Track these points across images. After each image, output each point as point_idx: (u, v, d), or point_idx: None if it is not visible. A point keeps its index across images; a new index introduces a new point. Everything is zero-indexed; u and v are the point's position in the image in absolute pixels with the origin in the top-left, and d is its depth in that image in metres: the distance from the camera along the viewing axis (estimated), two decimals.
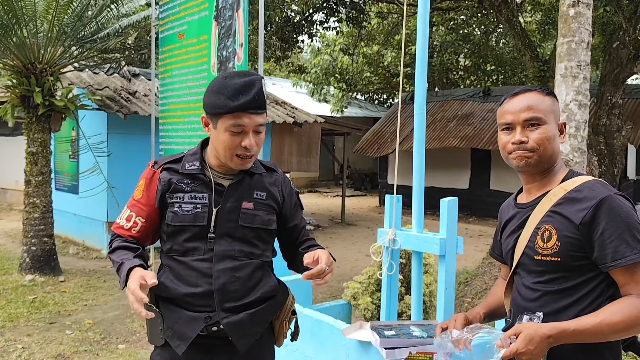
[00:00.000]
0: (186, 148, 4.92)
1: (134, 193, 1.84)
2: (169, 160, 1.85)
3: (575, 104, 4.23)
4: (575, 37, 4.24)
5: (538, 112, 1.58)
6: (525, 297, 1.62)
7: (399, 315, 4.00)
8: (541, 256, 1.55)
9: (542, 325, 1.48)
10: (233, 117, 1.67)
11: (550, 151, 1.60)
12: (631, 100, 11.73)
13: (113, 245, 1.82)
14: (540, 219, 1.57)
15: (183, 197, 1.77)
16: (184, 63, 4.95)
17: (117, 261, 1.73)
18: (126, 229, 1.81)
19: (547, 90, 1.66)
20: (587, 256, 1.50)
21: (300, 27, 11.86)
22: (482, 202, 13.48)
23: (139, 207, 1.81)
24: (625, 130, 8.76)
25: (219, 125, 1.70)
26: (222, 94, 1.67)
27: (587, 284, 1.52)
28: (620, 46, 8.37)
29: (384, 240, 2.94)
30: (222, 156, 1.75)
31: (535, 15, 15.00)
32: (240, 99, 1.66)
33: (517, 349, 1.44)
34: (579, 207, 1.50)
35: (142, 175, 1.85)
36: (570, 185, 1.56)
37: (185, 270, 1.75)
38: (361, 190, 19.68)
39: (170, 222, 1.76)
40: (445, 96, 15.22)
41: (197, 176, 1.79)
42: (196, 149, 1.86)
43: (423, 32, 2.83)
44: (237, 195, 1.79)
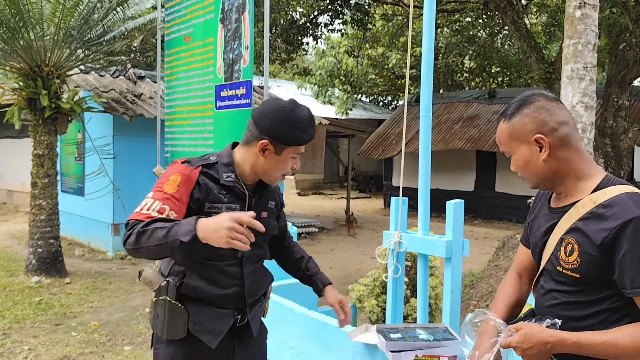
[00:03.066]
0: (192, 151, 4.96)
1: (164, 187, 1.77)
2: (204, 164, 1.87)
3: (581, 106, 4.21)
4: (581, 38, 4.23)
5: (503, 144, 1.62)
6: (545, 300, 1.61)
7: (405, 318, 3.99)
8: (563, 269, 1.52)
9: (545, 330, 1.46)
10: (299, 147, 1.89)
11: (535, 175, 1.57)
12: (637, 102, 11.67)
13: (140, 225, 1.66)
14: (566, 230, 1.52)
15: (221, 207, 1.84)
16: (190, 66, 4.95)
17: (165, 226, 1.62)
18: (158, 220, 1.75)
19: (513, 108, 1.58)
20: (607, 274, 1.44)
21: (305, 29, 11.88)
22: (487, 204, 13.44)
23: (173, 202, 1.76)
24: (632, 132, 8.72)
25: (285, 153, 1.87)
26: (297, 128, 1.84)
27: (605, 300, 1.48)
28: (627, 48, 8.33)
29: (389, 243, 2.94)
30: (272, 176, 1.92)
31: (541, 17, 14.96)
32: (310, 133, 1.89)
33: (511, 342, 1.48)
34: (603, 226, 1.43)
35: (174, 171, 1.82)
36: (600, 197, 1.48)
37: (217, 274, 1.87)
38: (366, 192, 19.67)
39: None
40: (450, 98, 15.19)
41: (233, 188, 1.89)
42: (228, 159, 1.92)
43: (429, 33, 2.83)
44: (260, 206, 1.98)
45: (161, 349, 1.89)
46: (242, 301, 1.93)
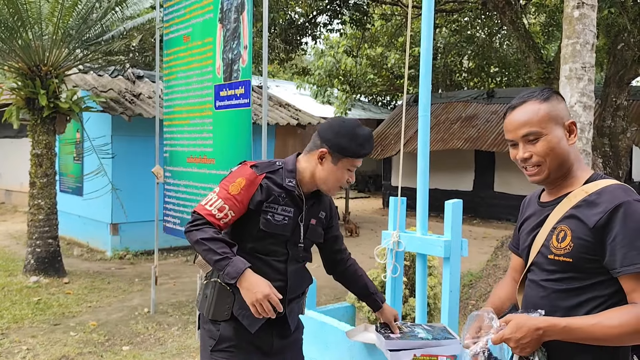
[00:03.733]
0: (192, 150, 4.96)
1: (229, 187, 1.99)
2: (269, 170, 2.06)
3: (580, 106, 4.22)
4: (579, 38, 4.23)
5: (533, 126, 1.57)
6: (536, 294, 1.63)
7: (403, 318, 3.99)
8: (554, 255, 1.55)
9: (534, 317, 1.49)
10: (355, 160, 2.05)
11: (559, 159, 1.59)
12: (636, 101, 11.69)
13: (207, 232, 1.91)
14: (558, 219, 1.58)
15: (277, 208, 2.04)
16: (189, 65, 4.95)
17: (220, 253, 1.86)
18: (217, 218, 1.95)
19: (546, 93, 1.62)
20: (598, 259, 1.49)
21: (304, 29, 11.87)
22: (486, 204, 13.44)
23: (234, 202, 1.97)
24: (630, 132, 8.73)
25: (341, 164, 2.04)
26: (355, 141, 2.01)
27: (596, 287, 1.51)
28: (625, 48, 8.34)
29: (388, 243, 2.94)
30: (329, 185, 2.08)
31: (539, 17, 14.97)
32: (367, 148, 2.04)
33: (504, 335, 1.48)
34: (595, 210, 1.49)
35: (241, 174, 2.02)
36: (592, 187, 1.55)
37: (265, 267, 2.01)
38: (365, 192, 19.67)
39: (263, 227, 2.01)
40: (448, 98, 15.20)
41: (292, 193, 2.07)
42: (292, 165, 2.11)
43: (427, 33, 2.83)
44: (312, 214, 2.15)
45: (207, 329, 2.06)
46: (284, 293, 2.05)
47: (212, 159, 4.57)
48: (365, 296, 2.37)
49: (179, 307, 5.83)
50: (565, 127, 1.60)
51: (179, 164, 5.08)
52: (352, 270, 2.35)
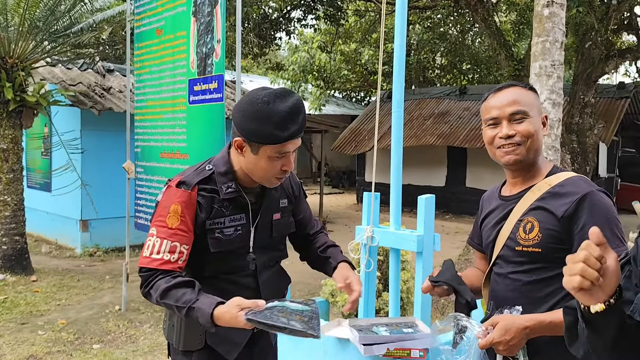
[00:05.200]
0: (165, 145, 4.90)
1: (167, 221, 1.66)
2: (200, 180, 1.72)
3: (549, 103, 4.30)
4: (549, 36, 4.31)
5: (523, 105, 1.61)
6: (504, 288, 1.65)
7: (377, 312, 4.02)
8: (522, 247, 1.58)
9: (519, 317, 1.50)
10: (279, 146, 1.64)
11: (536, 144, 1.63)
12: (602, 99, 11.98)
13: (158, 287, 1.61)
14: (524, 212, 1.60)
15: (224, 221, 1.74)
16: (161, 59, 4.88)
17: (182, 305, 1.56)
18: (173, 261, 1.65)
19: (529, 85, 1.69)
20: (566, 249, 1.51)
21: (278, 24, 11.81)
22: (458, 199, 13.62)
23: (182, 235, 1.66)
24: (597, 129, 8.95)
25: (261, 152, 1.66)
26: (269, 123, 1.59)
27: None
28: (592, 46, 8.54)
29: (362, 238, 2.95)
30: (260, 179, 1.74)
31: (510, 15, 15.21)
32: (290, 128, 1.62)
33: (493, 339, 1.48)
34: (562, 201, 1.53)
35: (171, 200, 1.68)
36: (554, 180, 1.60)
37: (232, 287, 1.75)
38: (339, 188, 19.72)
39: (214, 248, 1.72)
40: (422, 94, 15.33)
41: (235, 199, 1.76)
42: (225, 165, 1.76)
43: (401, 30, 2.84)
44: (269, 210, 1.85)
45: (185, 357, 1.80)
46: None
47: (186, 154, 4.52)
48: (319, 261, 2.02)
49: (151, 304, 5.75)
50: (542, 118, 1.67)
51: (151, 159, 5.01)
52: (314, 243, 2.04)
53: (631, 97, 12.58)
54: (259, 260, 1.82)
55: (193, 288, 1.60)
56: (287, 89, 1.71)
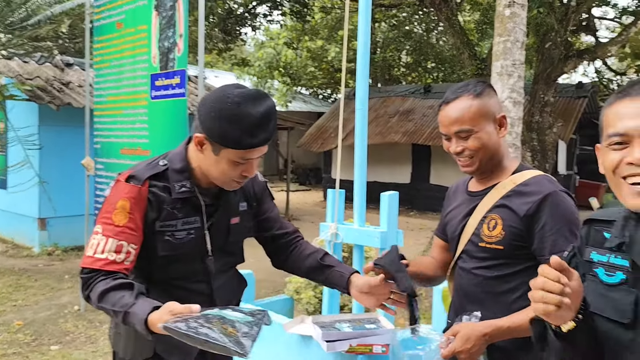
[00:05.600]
0: (125, 141, 4.79)
1: (113, 218, 1.53)
2: (151, 175, 1.59)
3: (510, 101, 4.38)
4: (510, 36, 4.39)
5: (465, 123, 1.61)
6: (467, 282, 1.69)
7: (341, 309, 4.03)
8: (485, 243, 1.62)
9: (478, 324, 1.55)
10: (243, 151, 1.51)
11: (489, 152, 1.64)
12: (562, 98, 12.31)
13: (97, 289, 1.46)
14: (488, 209, 1.64)
15: (176, 224, 1.61)
16: (122, 53, 4.77)
17: (119, 309, 1.42)
18: (119, 262, 1.51)
19: (479, 88, 1.65)
20: (527, 247, 1.56)
21: (243, 19, 11.72)
22: (422, 196, 13.79)
23: (129, 234, 1.53)
24: (557, 127, 9.19)
25: (223, 154, 1.52)
26: (237, 126, 1.47)
27: (525, 272, 1.58)
28: (552, 46, 8.76)
29: (326, 235, 2.95)
30: (216, 180, 1.61)
31: (474, 14, 15.47)
32: (258, 136, 1.49)
33: (455, 348, 1.52)
34: (525, 200, 1.57)
35: (119, 195, 1.55)
36: (519, 178, 1.63)
37: (183, 293, 1.63)
38: (305, 185, 19.72)
39: (164, 252, 1.60)
40: (387, 92, 15.45)
41: (189, 199, 1.63)
42: (181, 162, 1.63)
43: (365, 28, 2.84)
44: (227, 213, 1.73)
45: None
46: None
47: (147, 151, 4.43)
48: (323, 273, 1.86)
49: None
50: (497, 120, 1.66)
51: (111, 155, 4.90)
52: (299, 249, 1.90)
53: (589, 96, 12.96)
54: (214, 265, 1.71)
55: (132, 290, 1.44)
56: (262, 91, 1.59)
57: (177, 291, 1.63)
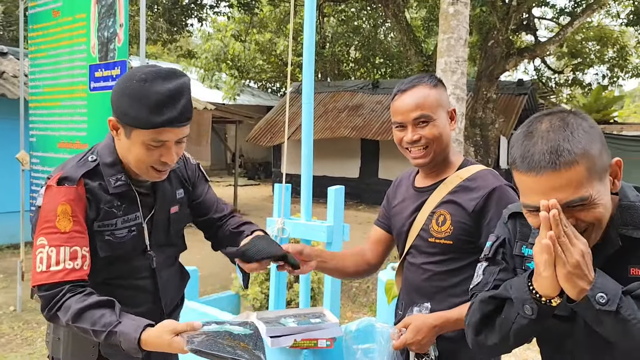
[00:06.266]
0: (63, 135, 4.59)
1: (58, 226, 1.43)
2: (84, 173, 1.49)
3: (453, 98, 4.49)
4: (454, 34, 4.49)
5: (425, 109, 1.61)
6: (417, 277, 1.71)
7: (288, 304, 4.02)
8: (435, 239, 1.64)
9: (428, 316, 1.58)
10: (153, 132, 1.42)
11: (444, 143, 1.66)
12: (503, 95, 12.72)
13: (69, 307, 1.38)
14: (436, 204, 1.66)
15: (116, 223, 1.53)
16: (59, 43, 4.57)
17: (102, 328, 1.36)
18: (78, 268, 1.42)
19: (434, 80, 1.68)
20: (475, 241, 1.60)
21: (189, 10, 11.45)
22: (371, 190, 13.96)
23: (79, 237, 1.45)
24: (498, 123, 9.50)
25: (134, 137, 1.44)
26: (142, 104, 1.39)
27: (473, 265, 1.59)
28: (495, 45, 9.03)
29: (273, 229, 2.93)
30: (134, 167, 1.52)
31: (420, 11, 15.74)
32: (165, 113, 1.40)
33: (407, 340, 1.56)
34: (472, 195, 1.60)
35: (57, 200, 1.44)
36: (465, 173, 1.65)
37: (129, 291, 1.58)
38: (255, 180, 19.57)
39: (105, 253, 1.52)
40: (336, 87, 15.53)
41: (127, 193, 1.55)
42: (111, 155, 1.54)
43: (310, 22, 2.83)
44: (165, 203, 1.66)
45: None
46: (159, 314, 1.65)
47: (86, 144, 4.26)
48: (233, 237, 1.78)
49: None
50: (449, 113, 1.69)
51: (48, 149, 4.69)
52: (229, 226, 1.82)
53: (529, 93, 13.45)
54: (157, 259, 1.65)
55: (112, 309, 1.39)
56: (176, 69, 1.50)
57: (122, 290, 1.58)
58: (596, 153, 1.03)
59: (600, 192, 1.04)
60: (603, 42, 15.64)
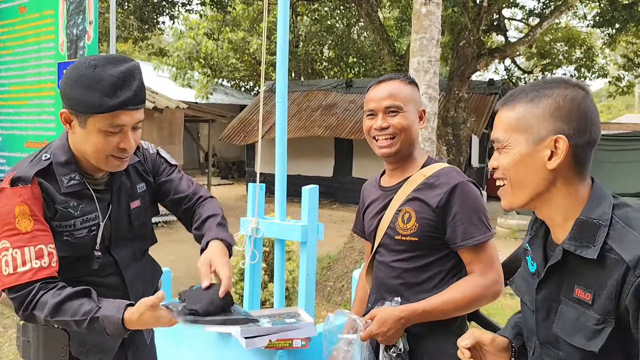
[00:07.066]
0: (31, 134, 4.49)
1: (18, 227, 1.41)
2: (38, 171, 1.47)
3: (426, 97, 4.53)
4: (426, 34, 4.53)
5: (398, 99, 1.68)
6: (386, 275, 1.74)
7: (263, 304, 4.01)
8: (401, 236, 1.67)
9: (394, 309, 1.61)
10: (109, 116, 1.42)
11: (410, 137, 1.70)
12: (475, 94, 12.90)
13: (44, 302, 1.38)
14: (402, 202, 1.69)
15: (74, 223, 1.51)
16: (26, 40, 4.47)
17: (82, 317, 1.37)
18: (46, 266, 1.42)
19: (409, 78, 1.76)
20: (441, 237, 1.63)
21: (161, 7, 11.30)
22: (345, 189, 14.01)
23: (42, 235, 1.43)
24: (470, 122, 9.64)
25: (90, 125, 1.43)
26: (95, 89, 1.38)
27: (440, 261, 1.66)
28: (466, 45, 9.15)
29: (247, 229, 2.91)
30: (93, 159, 1.50)
31: (393, 11, 15.85)
32: (119, 95, 1.40)
33: (372, 331, 1.59)
34: (435, 192, 1.63)
35: (12, 202, 1.41)
36: (429, 171, 1.69)
37: (96, 289, 1.52)
38: (228, 179, 19.43)
39: (63, 253, 1.49)
40: (310, 86, 15.53)
41: (82, 192, 1.53)
42: (66, 154, 1.52)
43: (284, 21, 2.82)
44: (125, 198, 1.64)
45: None
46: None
47: None
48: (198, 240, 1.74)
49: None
50: (419, 112, 1.74)
51: (15, 149, 4.59)
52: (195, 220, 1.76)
53: (500, 93, 13.67)
54: (120, 255, 1.64)
55: (89, 297, 1.41)
56: (125, 56, 1.51)
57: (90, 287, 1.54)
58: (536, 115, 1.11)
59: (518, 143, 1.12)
60: (571, 43, 16.01)
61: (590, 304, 1.06)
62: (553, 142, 1.09)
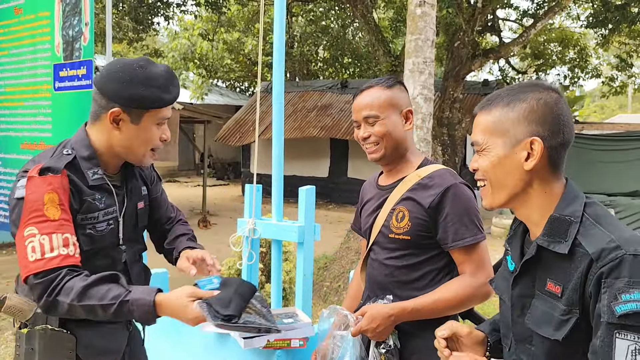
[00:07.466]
0: (26, 135, 4.48)
1: (47, 214, 1.42)
2: (66, 164, 1.50)
3: (421, 98, 4.55)
4: (421, 35, 4.55)
5: (373, 109, 1.72)
6: (379, 272, 1.77)
7: None
8: (394, 234, 1.70)
9: (385, 306, 1.64)
10: (163, 110, 1.56)
11: (394, 141, 1.74)
12: (470, 95, 12.94)
13: (71, 288, 1.38)
14: (396, 201, 1.72)
15: (97, 216, 1.56)
16: (22, 41, 4.47)
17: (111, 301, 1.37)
18: (72, 255, 1.43)
19: (390, 82, 1.77)
20: (433, 236, 1.66)
21: (156, 8, 11.29)
22: (340, 189, 14.03)
23: (68, 225, 1.45)
24: (465, 123, 9.66)
25: (146, 120, 1.54)
26: (153, 86, 1.51)
27: (431, 260, 1.69)
28: (461, 45, 9.18)
29: (244, 230, 2.92)
30: (138, 154, 1.59)
31: (388, 12, 15.88)
32: (172, 91, 1.56)
33: (361, 327, 1.62)
34: (429, 192, 1.66)
35: (43, 189, 1.43)
36: (424, 172, 1.72)
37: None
38: (224, 180, 19.42)
39: (86, 246, 1.52)
40: (305, 87, 15.54)
41: (104, 186, 1.58)
42: (88, 148, 1.57)
43: (280, 22, 2.84)
44: (135, 197, 1.72)
45: None
46: None
47: (51, 145, 4.18)
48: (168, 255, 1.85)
49: None
50: (403, 114, 1.76)
51: (10, 150, 4.59)
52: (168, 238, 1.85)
53: None
54: (128, 254, 1.70)
55: (118, 282, 1.42)
56: (146, 57, 1.64)
57: None
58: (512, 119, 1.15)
59: (496, 145, 1.17)
60: (564, 43, 16.07)
61: (559, 296, 1.11)
62: (529, 144, 1.13)
